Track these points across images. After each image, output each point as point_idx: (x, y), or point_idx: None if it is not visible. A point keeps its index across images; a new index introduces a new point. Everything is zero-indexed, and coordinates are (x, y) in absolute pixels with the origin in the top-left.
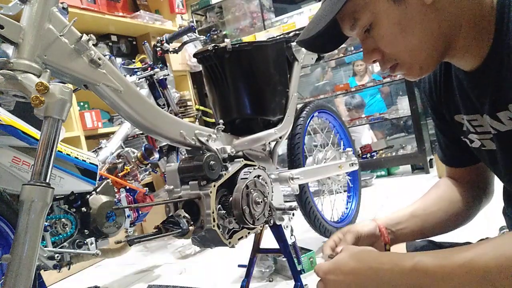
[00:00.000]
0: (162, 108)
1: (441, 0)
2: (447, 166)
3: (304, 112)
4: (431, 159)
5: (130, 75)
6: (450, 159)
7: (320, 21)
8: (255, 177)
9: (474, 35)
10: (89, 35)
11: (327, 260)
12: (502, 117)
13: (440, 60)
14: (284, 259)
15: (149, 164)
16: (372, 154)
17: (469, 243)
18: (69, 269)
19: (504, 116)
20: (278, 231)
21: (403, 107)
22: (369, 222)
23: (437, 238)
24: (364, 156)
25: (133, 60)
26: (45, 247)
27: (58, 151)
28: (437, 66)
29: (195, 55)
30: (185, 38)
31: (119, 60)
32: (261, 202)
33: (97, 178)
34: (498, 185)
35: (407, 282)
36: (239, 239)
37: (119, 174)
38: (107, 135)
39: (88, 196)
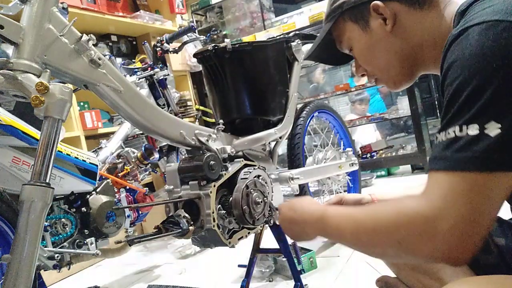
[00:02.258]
0: (162, 108)
1: (400, 27)
2: None
3: (304, 112)
4: None
5: (130, 75)
6: None
7: (315, 42)
8: (255, 177)
9: (437, 53)
10: (89, 35)
11: None
12: None
13: (413, 74)
14: (284, 259)
15: (149, 164)
16: (372, 154)
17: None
18: (69, 269)
19: None
20: (278, 231)
21: (403, 107)
22: (362, 193)
23: None
24: (364, 156)
25: (133, 60)
26: (45, 247)
27: (58, 151)
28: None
29: (195, 55)
30: (185, 38)
31: (119, 60)
32: (261, 202)
33: (97, 178)
34: None
35: (314, 227)
36: (239, 239)
37: (119, 174)
38: (107, 135)
39: (88, 196)
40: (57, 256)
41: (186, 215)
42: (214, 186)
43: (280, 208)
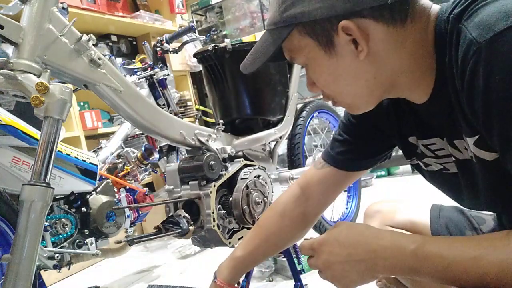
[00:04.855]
0: (162, 108)
1: (377, 53)
2: (333, 167)
3: (304, 112)
4: None
5: (130, 75)
6: (345, 161)
7: (257, 58)
8: (255, 177)
9: (419, 74)
10: (89, 35)
11: None
12: (458, 145)
13: (381, 99)
14: (284, 259)
15: (149, 164)
16: None
17: (495, 216)
18: (69, 269)
19: (460, 144)
20: None
21: None
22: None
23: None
24: None
25: (133, 60)
26: (45, 247)
27: (58, 151)
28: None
29: (195, 55)
30: (185, 38)
31: (119, 60)
32: (261, 202)
33: (97, 178)
34: None
35: (405, 263)
36: (239, 239)
37: (119, 174)
38: (107, 135)
39: (88, 196)
40: (57, 256)
41: (186, 215)
42: (214, 186)
43: (318, 248)
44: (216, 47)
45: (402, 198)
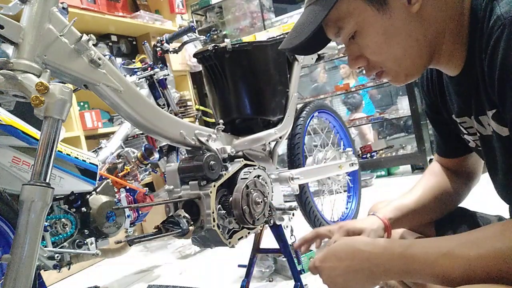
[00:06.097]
0: (162, 108)
1: (427, 8)
2: (444, 157)
3: (304, 112)
4: (431, 159)
5: (130, 75)
6: (448, 151)
7: (304, 30)
8: (255, 177)
9: (456, 42)
10: (89, 35)
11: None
12: (483, 121)
13: (426, 67)
14: (284, 259)
15: (149, 164)
16: (372, 154)
17: (500, 216)
18: (69, 269)
19: (484, 120)
20: (278, 231)
21: (403, 107)
22: (372, 219)
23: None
24: (364, 156)
25: (133, 60)
26: (45, 247)
27: (58, 151)
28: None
29: (195, 55)
30: (185, 38)
31: (119, 60)
32: (261, 202)
33: (97, 178)
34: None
35: (396, 266)
36: (239, 239)
37: (119, 174)
38: (107, 135)
39: (88, 196)
40: (57, 256)
41: (186, 215)
42: (214, 186)
43: (319, 266)
44: (216, 47)
45: None
